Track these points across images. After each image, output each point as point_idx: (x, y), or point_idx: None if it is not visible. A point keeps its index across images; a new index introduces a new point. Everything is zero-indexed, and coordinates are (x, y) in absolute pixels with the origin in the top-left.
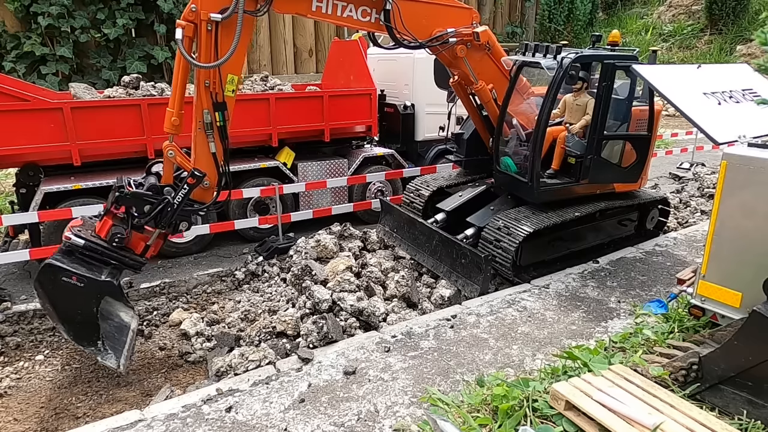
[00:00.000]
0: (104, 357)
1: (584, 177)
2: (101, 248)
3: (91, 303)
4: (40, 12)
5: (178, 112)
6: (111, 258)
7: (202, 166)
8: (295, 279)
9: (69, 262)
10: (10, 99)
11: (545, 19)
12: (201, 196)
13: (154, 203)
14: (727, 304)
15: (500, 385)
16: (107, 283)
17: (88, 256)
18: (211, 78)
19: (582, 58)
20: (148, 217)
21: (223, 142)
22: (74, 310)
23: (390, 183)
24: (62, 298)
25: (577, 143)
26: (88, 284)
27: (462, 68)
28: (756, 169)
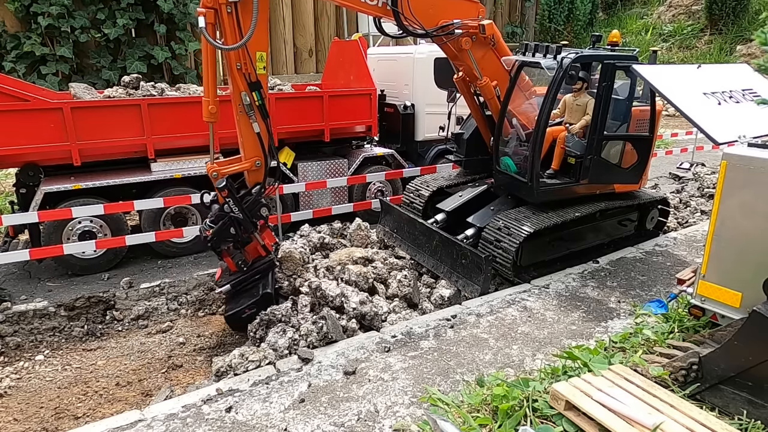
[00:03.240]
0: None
1: (584, 177)
2: (243, 278)
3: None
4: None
5: (214, 99)
6: (254, 277)
7: (249, 148)
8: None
9: (237, 302)
10: (10, 99)
11: (545, 19)
12: (255, 179)
13: (227, 224)
14: (727, 304)
15: (500, 385)
16: (266, 294)
17: (242, 288)
18: (241, 59)
19: (582, 58)
20: (238, 236)
21: (265, 120)
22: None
23: (390, 183)
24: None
25: (576, 143)
26: (259, 304)
27: (466, 62)
28: (756, 169)
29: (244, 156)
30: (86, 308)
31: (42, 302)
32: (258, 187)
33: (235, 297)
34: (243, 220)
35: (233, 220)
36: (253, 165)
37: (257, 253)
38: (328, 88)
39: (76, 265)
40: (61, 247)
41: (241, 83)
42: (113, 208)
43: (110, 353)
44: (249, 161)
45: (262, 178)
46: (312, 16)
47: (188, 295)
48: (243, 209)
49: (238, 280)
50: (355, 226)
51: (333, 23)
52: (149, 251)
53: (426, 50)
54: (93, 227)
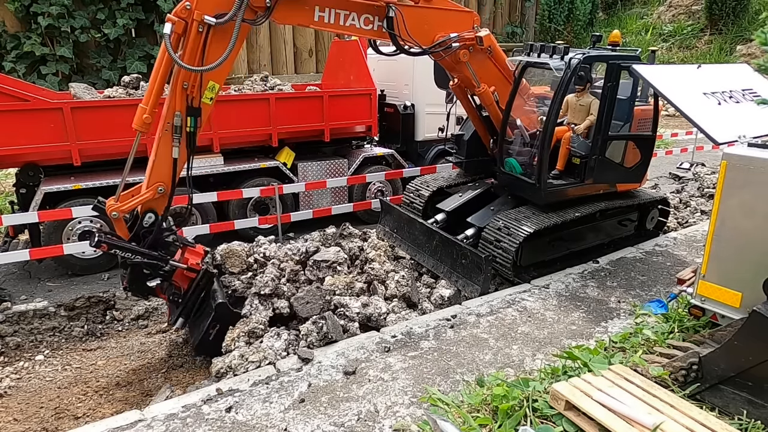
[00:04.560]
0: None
1: (589, 177)
2: (188, 305)
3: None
4: (40, 12)
5: (152, 109)
6: (199, 297)
7: (157, 172)
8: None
9: (198, 328)
10: (10, 99)
11: (545, 19)
12: (155, 206)
13: (135, 271)
14: (727, 304)
15: (500, 385)
16: (220, 305)
17: (196, 314)
18: (191, 81)
19: (590, 58)
20: (153, 271)
21: (189, 149)
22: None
23: (390, 183)
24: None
25: (581, 144)
26: (218, 319)
27: (464, 72)
28: (756, 169)
29: (148, 181)
30: (86, 308)
31: (42, 302)
32: (152, 219)
33: (194, 325)
34: (149, 262)
35: (137, 266)
36: (155, 192)
37: (188, 277)
38: (328, 88)
39: (76, 265)
40: (61, 247)
41: (180, 103)
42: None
43: (110, 353)
44: (152, 188)
45: (162, 208)
46: None
47: None
48: (142, 251)
49: (186, 309)
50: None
51: None
52: None
53: None
54: (93, 227)
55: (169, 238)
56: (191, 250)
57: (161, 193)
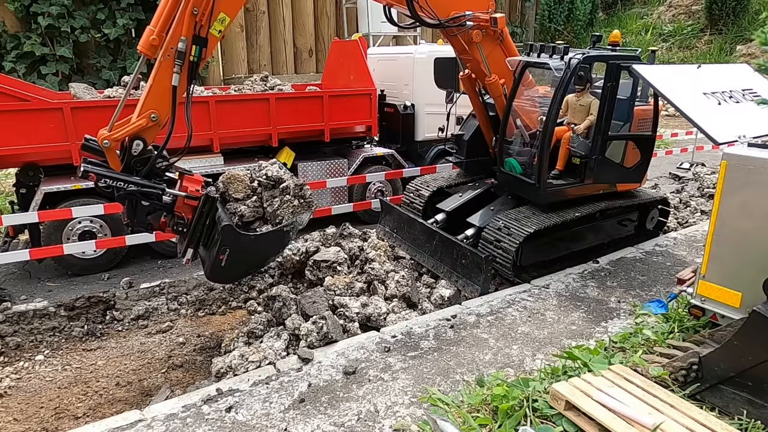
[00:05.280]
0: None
1: (589, 177)
2: (194, 233)
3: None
4: (40, 12)
5: (160, 32)
6: (204, 224)
7: (154, 99)
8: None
9: (209, 256)
10: (10, 99)
11: (545, 19)
12: (147, 135)
13: (134, 202)
14: (727, 304)
15: (500, 385)
16: (226, 228)
17: (204, 242)
18: (201, 8)
19: (590, 58)
20: (154, 205)
21: (189, 80)
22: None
23: (390, 183)
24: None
25: (581, 144)
26: (226, 243)
27: (475, 56)
28: (756, 169)
29: (141, 108)
30: (86, 308)
31: (42, 302)
32: (141, 146)
33: (206, 256)
34: (146, 191)
35: (134, 195)
36: (148, 120)
37: (191, 206)
38: (328, 88)
39: (76, 265)
40: (61, 247)
41: (188, 28)
42: (113, 208)
43: (110, 353)
44: (144, 116)
45: (153, 138)
46: (312, 16)
47: (188, 295)
48: (133, 180)
49: (193, 239)
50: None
51: (333, 23)
52: (149, 251)
53: (426, 50)
54: (93, 227)
55: (162, 165)
56: (190, 177)
57: (154, 121)
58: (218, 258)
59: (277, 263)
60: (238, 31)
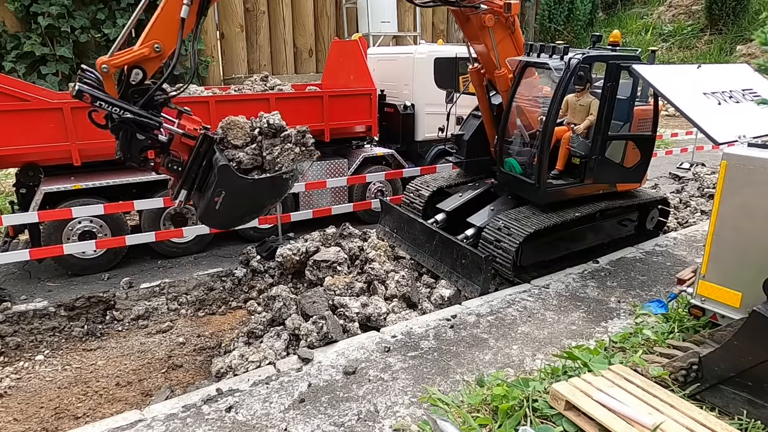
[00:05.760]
0: None
1: (589, 177)
2: (189, 173)
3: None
4: (40, 12)
5: None
6: (201, 165)
7: (160, 29)
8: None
9: (203, 199)
10: (10, 99)
11: (545, 19)
12: (148, 65)
13: (128, 132)
14: (727, 304)
15: (500, 385)
16: (222, 167)
17: (198, 185)
18: None
19: (589, 58)
20: (149, 139)
21: (199, 14)
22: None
23: (390, 183)
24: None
25: (581, 144)
26: (222, 184)
27: (486, 42)
28: (756, 169)
29: (144, 38)
30: (86, 308)
31: (42, 302)
32: (140, 76)
33: (198, 197)
34: (142, 122)
35: (129, 125)
36: (151, 50)
37: (188, 146)
38: (328, 88)
39: (76, 265)
40: (61, 247)
41: None
42: (113, 208)
43: (110, 353)
44: (147, 45)
45: (154, 69)
46: (312, 16)
47: (188, 295)
48: (129, 107)
49: (188, 180)
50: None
51: (333, 23)
52: (149, 251)
53: (426, 50)
54: (93, 227)
55: (160, 99)
56: (188, 117)
57: (157, 52)
58: (213, 200)
59: (277, 263)
60: (238, 31)
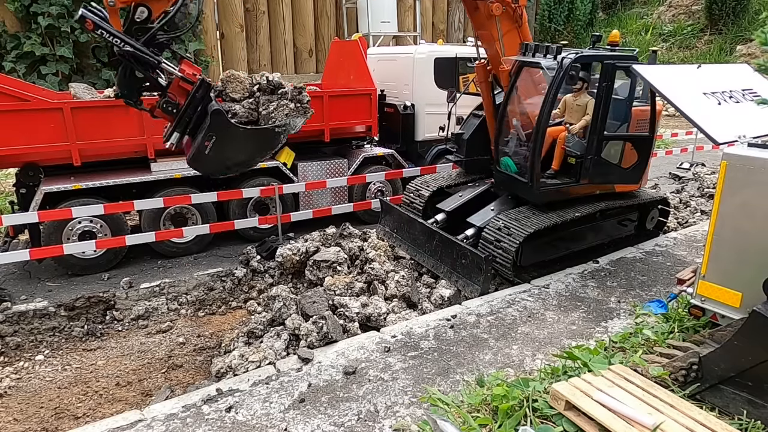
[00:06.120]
0: None
1: (584, 177)
2: (183, 116)
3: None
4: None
5: None
6: (195, 110)
7: None
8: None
9: (194, 143)
10: (10, 99)
11: (545, 19)
12: (155, 5)
13: (127, 67)
14: (727, 304)
15: (500, 385)
16: (215, 112)
17: (191, 130)
18: None
19: (582, 58)
20: (148, 78)
21: None
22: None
23: (390, 183)
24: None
25: (577, 143)
26: (214, 128)
27: (492, 32)
28: (756, 169)
29: None
30: (86, 308)
31: (42, 302)
32: (145, 14)
33: (190, 141)
34: (142, 58)
35: (129, 60)
36: None
37: (185, 90)
38: (328, 88)
39: (76, 265)
40: (61, 247)
41: None
42: (113, 208)
43: (110, 353)
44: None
45: (161, 10)
46: (312, 16)
47: (188, 295)
48: (131, 41)
49: (182, 123)
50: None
51: (333, 23)
52: (149, 251)
53: (426, 50)
54: (93, 227)
55: (162, 39)
56: (188, 62)
57: None
58: (203, 143)
59: (277, 263)
60: (238, 31)
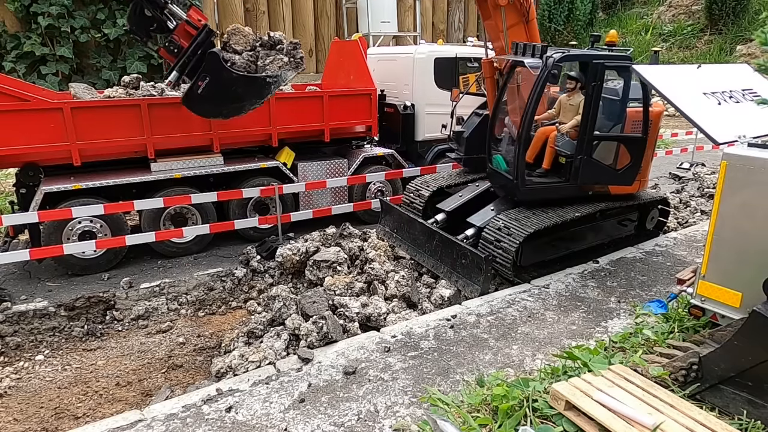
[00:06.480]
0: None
1: (574, 178)
2: (185, 59)
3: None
4: (40, 12)
5: None
6: (196, 53)
7: None
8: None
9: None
10: (10, 99)
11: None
12: None
13: (137, 5)
14: (727, 304)
15: (500, 385)
16: (211, 54)
17: (191, 70)
18: None
19: (567, 57)
20: (156, 18)
21: None
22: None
23: (390, 183)
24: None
25: (567, 143)
26: (208, 70)
27: (498, 22)
28: (756, 169)
29: None
30: (86, 308)
31: (42, 302)
32: None
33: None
34: None
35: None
36: None
37: (190, 34)
38: (328, 88)
39: (76, 265)
40: (61, 247)
41: None
42: (113, 208)
43: (110, 353)
44: None
45: None
46: (312, 16)
47: (188, 295)
48: None
49: (182, 63)
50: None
51: (333, 23)
52: (149, 251)
53: (426, 50)
54: (93, 227)
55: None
56: (196, 9)
57: None
58: (197, 83)
59: (277, 263)
60: None
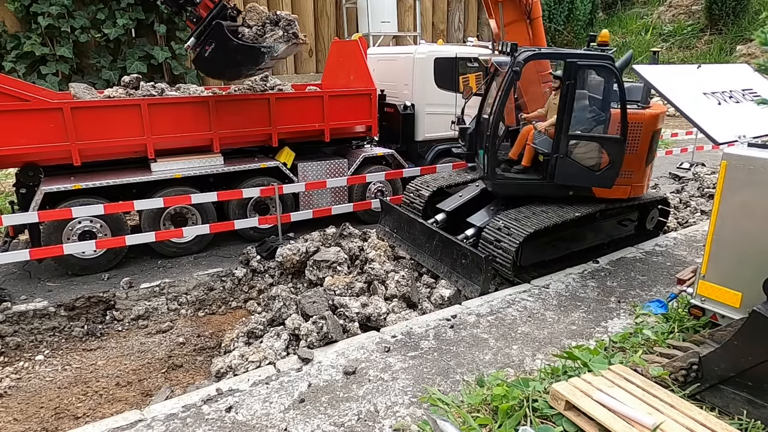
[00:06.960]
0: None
1: (551, 176)
2: (202, 28)
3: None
4: (40, 12)
5: None
6: (211, 24)
7: None
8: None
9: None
10: (10, 99)
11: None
12: None
13: None
14: (727, 304)
15: (500, 385)
16: (216, 25)
17: (201, 32)
18: None
19: (537, 56)
20: None
21: None
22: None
23: (390, 183)
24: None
25: (545, 141)
26: (214, 36)
27: (496, 17)
28: (756, 169)
29: None
30: (86, 308)
31: (42, 302)
32: None
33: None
34: None
35: None
36: None
37: (209, 7)
38: (328, 88)
39: (76, 265)
40: (61, 247)
41: None
42: (113, 208)
43: (110, 353)
44: None
45: None
46: (312, 16)
47: (188, 295)
48: None
49: (200, 31)
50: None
51: (333, 23)
52: (149, 251)
53: (426, 50)
54: (93, 227)
55: None
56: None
57: None
58: (205, 48)
59: (277, 263)
60: None
